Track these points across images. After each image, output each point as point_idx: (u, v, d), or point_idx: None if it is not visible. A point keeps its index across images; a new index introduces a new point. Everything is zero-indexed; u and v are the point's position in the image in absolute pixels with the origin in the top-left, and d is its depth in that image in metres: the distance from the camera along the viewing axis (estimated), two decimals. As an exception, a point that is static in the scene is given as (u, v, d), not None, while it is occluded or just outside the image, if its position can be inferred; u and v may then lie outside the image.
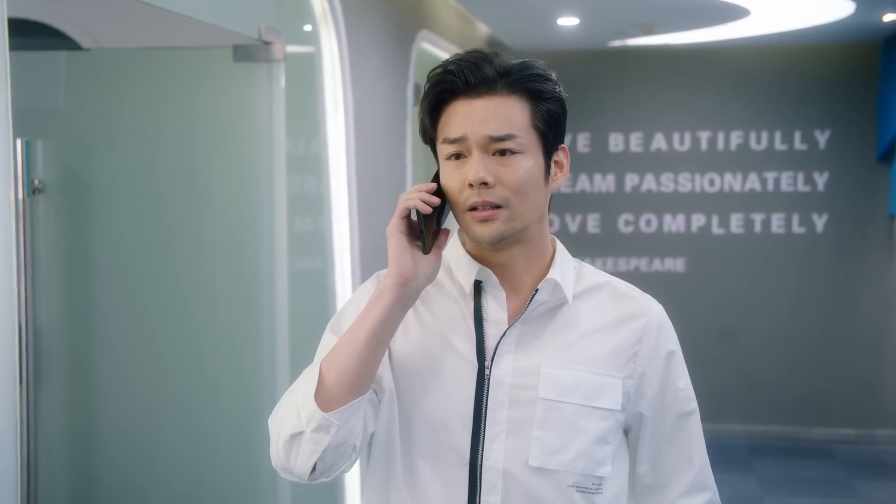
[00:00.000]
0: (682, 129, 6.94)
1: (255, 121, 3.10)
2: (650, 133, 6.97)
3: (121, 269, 3.15)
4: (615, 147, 7.00)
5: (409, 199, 1.46)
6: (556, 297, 1.55)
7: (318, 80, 3.64)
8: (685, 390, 1.62)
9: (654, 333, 1.58)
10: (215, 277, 3.16)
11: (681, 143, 6.94)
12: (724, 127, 6.90)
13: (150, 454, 3.14)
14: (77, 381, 3.12)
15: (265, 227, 3.11)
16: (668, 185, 6.95)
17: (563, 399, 1.51)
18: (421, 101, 1.53)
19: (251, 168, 3.12)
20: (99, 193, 3.14)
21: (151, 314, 3.15)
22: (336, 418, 1.43)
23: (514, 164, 1.47)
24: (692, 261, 6.95)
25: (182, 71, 3.15)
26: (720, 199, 6.91)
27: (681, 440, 1.61)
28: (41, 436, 3.03)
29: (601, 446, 1.53)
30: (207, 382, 3.16)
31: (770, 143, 6.87)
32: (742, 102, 6.89)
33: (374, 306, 1.46)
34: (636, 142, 6.98)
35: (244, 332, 3.15)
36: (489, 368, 1.51)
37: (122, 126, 3.16)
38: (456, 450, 1.50)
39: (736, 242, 6.90)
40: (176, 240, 3.15)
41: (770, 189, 6.87)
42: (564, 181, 1.58)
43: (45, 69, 3.18)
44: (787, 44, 6.72)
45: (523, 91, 1.48)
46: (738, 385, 6.86)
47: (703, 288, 6.92)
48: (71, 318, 3.11)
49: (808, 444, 6.75)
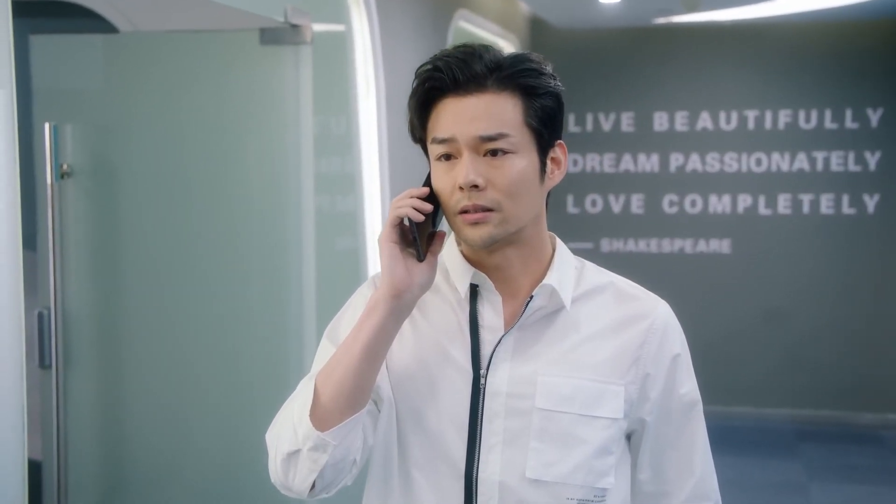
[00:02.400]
0: (728, 108, 6.79)
1: (282, 104, 3.07)
2: (695, 112, 6.83)
3: (149, 253, 3.14)
4: (660, 126, 6.88)
5: (400, 208, 1.39)
6: (554, 302, 1.48)
7: (348, 60, 3.59)
8: (689, 394, 1.53)
9: (658, 336, 1.50)
10: (243, 261, 3.14)
11: (727, 123, 6.80)
12: (771, 105, 6.74)
13: (179, 438, 3.14)
14: (106, 365, 3.13)
15: (292, 209, 3.08)
16: (714, 165, 6.82)
17: (561, 408, 1.44)
18: (409, 99, 1.46)
19: (279, 151, 3.10)
20: (127, 177, 3.12)
21: (180, 298, 3.14)
22: (332, 437, 1.38)
23: (506, 165, 1.40)
24: (738, 242, 6.82)
25: (209, 54, 3.12)
26: (767, 179, 6.76)
27: (683, 447, 1.53)
28: (70, 420, 3.04)
29: (603, 457, 1.46)
30: (236, 367, 3.15)
31: (820, 121, 6.70)
32: (791, 80, 6.72)
33: (367, 319, 1.40)
34: (681, 121, 6.85)
35: (272, 315, 3.13)
36: (485, 377, 1.45)
37: (149, 110, 3.14)
38: (451, 461, 1.45)
39: (783, 223, 6.75)
40: (204, 223, 3.14)
41: (819, 169, 6.70)
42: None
43: (74, 52, 3.17)
44: (839, 19, 6.54)
45: (515, 87, 1.41)
46: (786, 369, 6.73)
47: (750, 270, 6.78)
48: (99, 302, 3.11)
49: (856, 430, 6.60)
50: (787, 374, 6.73)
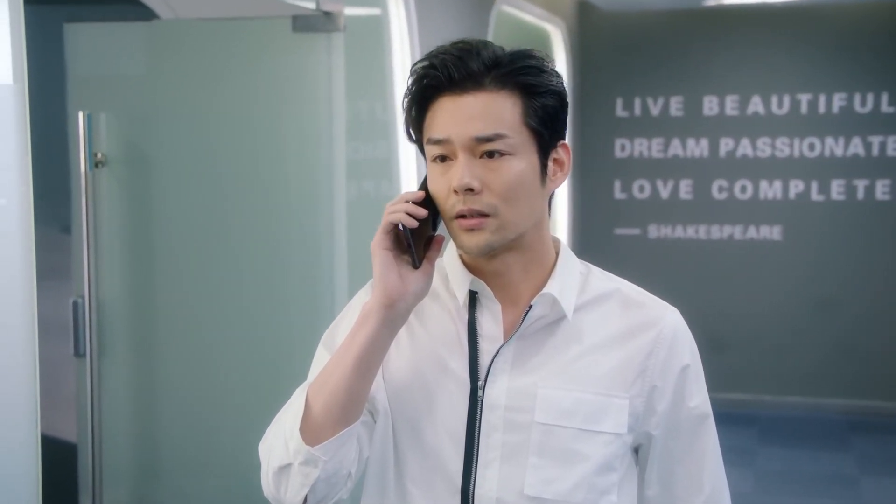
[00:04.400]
0: (780, 92, 6.64)
1: (314, 91, 3.04)
2: (746, 96, 6.69)
3: (182, 241, 3.14)
4: (709, 111, 6.75)
5: (393, 213, 1.35)
6: (556, 311, 1.42)
7: (384, 45, 3.56)
8: (699, 407, 1.46)
9: (665, 346, 1.43)
10: (276, 250, 3.12)
11: (779, 107, 6.65)
12: (825, 89, 6.58)
13: (212, 427, 3.14)
14: (139, 354, 3.13)
15: (324, 197, 3.06)
16: (765, 150, 6.68)
17: (561, 423, 1.38)
18: (403, 98, 1.40)
19: (311, 139, 3.07)
20: (161, 166, 3.12)
21: (212, 287, 3.13)
22: (322, 452, 1.34)
23: (503, 168, 1.34)
24: (789, 229, 6.67)
25: (241, 42, 3.10)
26: (820, 164, 6.60)
27: (692, 462, 1.47)
28: (105, 407, 3.05)
29: (605, 474, 1.40)
30: (267, 357, 3.13)
31: (876, 105, 6.52)
32: (846, 62, 6.55)
33: (359, 329, 1.36)
34: (731, 105, 6.71)
35: (304, 304, 3.11)
36: (482, 389, 1.40)
37: (182, 98, 3.13)
38: (447, 477, 1.40)
39: (836, 210, 6.60)
40: (237, 211, 3.12)
41: (875, 154, 6.53)
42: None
43: (107, 40, 3.17)
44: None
45: (514, 85, 1.35)
46: (837, 358, 6.58)
47: (801, 257, 6.64)
48: (133, 291, 3.12)
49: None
50: (839, 364, 6.58)
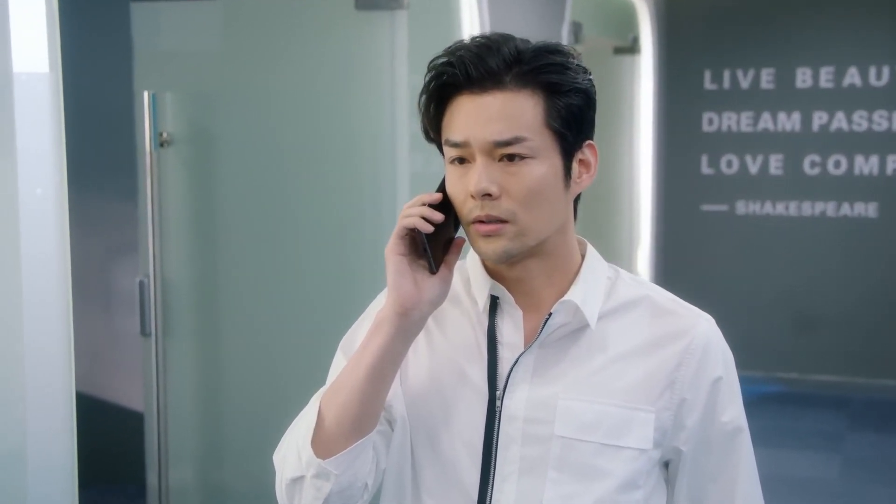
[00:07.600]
0: (879, 62, 6.34)
1: (378, 69, 2.99)
2: (843, 67, 6.41)
3: (247, 221, 3.14)
4: (802, 83, 6.49)
5: (408, 217, 1.27)
6: (578, 319, 1.34)
7: (453, 21, 3.48)
8: (733, 422, 1.37)
9: (696, 357, 1.34)
10: (340, 228, 3.10)
11: (877, 78, 6.36)
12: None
13: (274, 407, 3.13)
14: (204, 334, 3.15)
15: (387, 173, 3.01)
16: (861, 124, 6.40)
17: (582, 437, 1.31)
18: (419, 96, 1.32)
19: (374, 117, 3.03)
20: (225, 145, 3.12)
21: (277, 266, 3.13)
22: (334, 466, 1.28)
23: (522, 172, 1.25)
24: (886, 206, 6.39)
25: (305, 20, 3.06)
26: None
27: (724, 480, 1.37)
28: (170, 389, 3.07)
29: (629, 492, 1.32)
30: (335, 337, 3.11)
31: (982, 75, 6.21)
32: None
33: (373, 339, 1.29)
34: (826, 77, 6.44)
35: (371, 282, 3.07)
36: (500, 399, 1.32)
37: (246, 76, 3.12)
38: (464, 490, 1.33)
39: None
40: (301, 191, 3.11)
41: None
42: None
43: (173, 19, 3.17)
44: None
45: (537, 84, 1.26)
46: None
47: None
48: (197, 270, 3.13)
49: None
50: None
